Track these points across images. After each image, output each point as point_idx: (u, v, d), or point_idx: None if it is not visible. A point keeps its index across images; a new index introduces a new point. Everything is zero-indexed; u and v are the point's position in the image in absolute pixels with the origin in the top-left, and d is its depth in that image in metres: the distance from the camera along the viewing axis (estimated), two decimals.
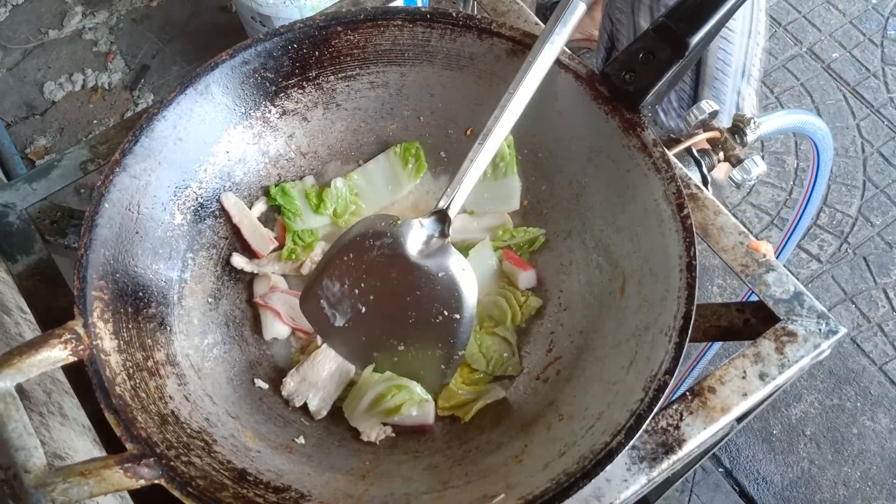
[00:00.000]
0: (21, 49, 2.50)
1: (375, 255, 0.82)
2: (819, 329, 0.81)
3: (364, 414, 0.84)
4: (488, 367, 0.86)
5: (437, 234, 0.82)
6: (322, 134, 0.96)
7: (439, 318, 0.82)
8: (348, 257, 0.83)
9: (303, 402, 0.85)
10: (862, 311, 2.10)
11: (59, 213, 0.95)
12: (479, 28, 0.87)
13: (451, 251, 0.81)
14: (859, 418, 1.98)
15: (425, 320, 0.82)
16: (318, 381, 0.86)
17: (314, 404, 0.85)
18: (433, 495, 0.75)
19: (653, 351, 0.73)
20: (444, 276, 0.81)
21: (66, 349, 0.69)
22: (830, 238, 2.19)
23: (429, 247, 0.82)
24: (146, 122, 0.82)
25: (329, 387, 0.86)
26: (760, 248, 0.85)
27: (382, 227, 0.82)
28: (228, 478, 0.71)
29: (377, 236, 0.82)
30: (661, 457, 0.76)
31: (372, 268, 0.82)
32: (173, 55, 2.48)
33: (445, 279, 0.81)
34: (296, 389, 0.85)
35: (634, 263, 0.81)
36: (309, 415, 0.86)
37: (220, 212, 0.91)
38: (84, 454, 0.82)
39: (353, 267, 0.83)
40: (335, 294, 0.84)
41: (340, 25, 0.89)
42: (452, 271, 0.81)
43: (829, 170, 1.37)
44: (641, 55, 0.82)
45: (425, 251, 0.81)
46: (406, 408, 0.83)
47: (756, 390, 0.78)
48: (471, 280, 0.81)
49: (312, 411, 0.85)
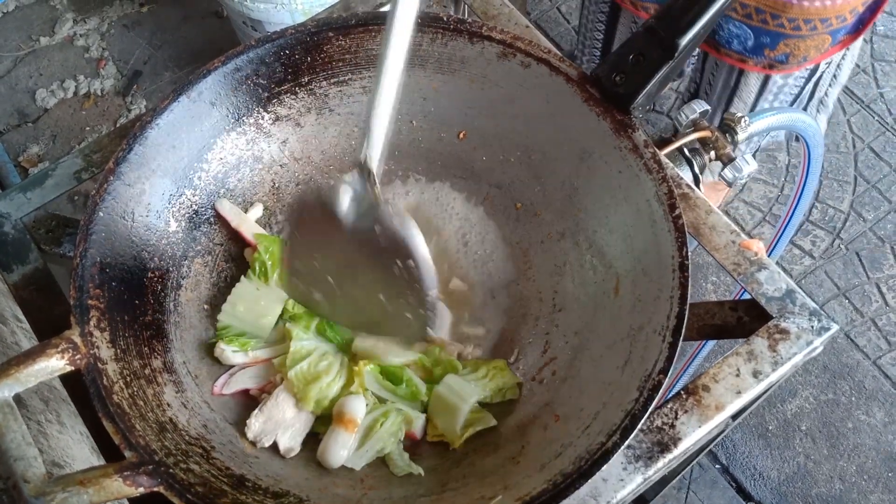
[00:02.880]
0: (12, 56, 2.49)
1: (317, 227, 0.81)
2: (811, 326, 0.82)
3: (357, 452, 0.82)
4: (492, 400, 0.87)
5: (363, 189, 0.79)
6: (315, 139, 0.96)
7: (396, 270, 0.80)
8: (299, 233, 0.84)
9: (271, 441, 0.82)
10: (855, 305, 2.11)
11: (54, 221, 0.95)
12: (469, 32, 0.88)
13: (379, 204, 0.79)
14: (854, 413, 1.98)
15: (386, 274, 0.81)
16: (285, 419, 0.83)
17: (284, 443, 0.82)
18: (431, 498, 0.75)
19: (647, 351, 0.74)
20: (382, 230, 0.79)
21: (63, 359, 0.70)
22: (823, 234, 2.20)
23: (359, 205, 0.79)
24: (139, 130, 0.83)
25: (297, 423, 0.83)
26: (752, 246, 0.86)
27: (310, 198, 0.83)
28: (227, 484, 0.72)
29: (311, 209, 0.82)
30: (657, 455, 0.77)
31: (322, 240, 0.83)
32: (165, 61, 2.47)
33: (385, 232, 0.79)
34: (261, 430, 0.82)
35: (628, 264, 0.82)
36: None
37: (215, 218, 0.91)
38: (83, 462, 0.82)
39: (308, 243, 0.84)
40: (305, 274, 0.86)
41: (332, 31, 0.89)
42: (387, 222, 0.78)
43: (819, 166, 1.37)
44: (632, 57, 0.82)
45: (358, 210, 0.80)
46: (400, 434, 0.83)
47: (750, 388, 0.79)
48: (409, 224, 0.79)
49: (283, 450, 0.82)
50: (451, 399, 0.84)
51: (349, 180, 0.79)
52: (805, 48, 1.27)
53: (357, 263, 0.82)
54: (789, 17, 1.21)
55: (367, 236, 0.79)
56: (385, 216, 0.78)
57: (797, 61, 1.31)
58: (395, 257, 0.79)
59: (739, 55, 1.32)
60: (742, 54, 1.32)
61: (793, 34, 1.24)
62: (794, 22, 1.21)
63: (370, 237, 0.79)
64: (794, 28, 1.22)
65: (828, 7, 1.19)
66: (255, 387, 0.86)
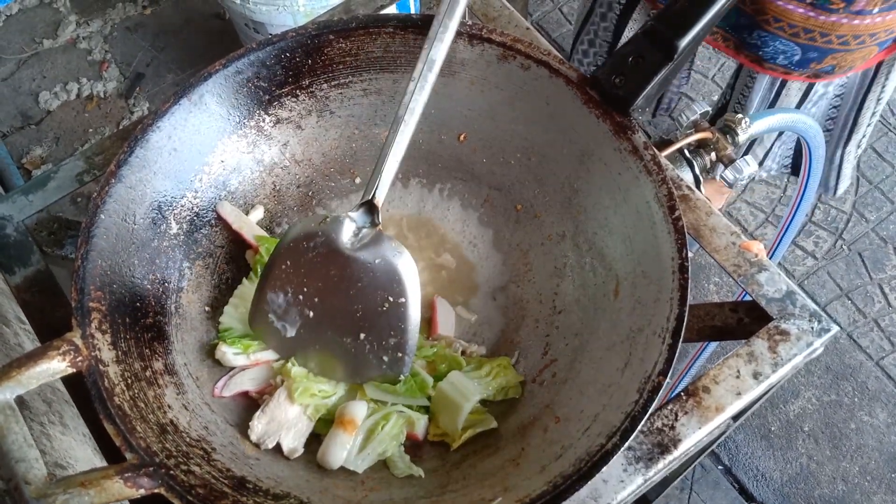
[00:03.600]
0: (15, 59, 2.50)
1: (311, 256, 0.81)
2: (812, 328, 0.82)
3: (359, 455, 0.82)
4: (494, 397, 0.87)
5: (368, 224, 0.81)
6: (316, 141, 0.96)
7: (385, 306, 0.80)
8: (286, 265, 0.82)
9: (275, 443, 0.82)
10: (858, 306, 2.11)
11: (56, 224, 0.95)
12: (469, 34, 0.88)
13: (383, 238, 0.80)
14: (857, 413, 1.98)
15: (372, 310, 0.81)
16: (287, 419, 0.83)
17: (287, 443, 0.82)
18: (431, 500, 0.75)
19: (647, 352, 0.74)
20: (381, 263, 0.79)
21: (64, 361, 0.70)
22: (825, 234, 2.20)
23: (361, 238, 0.81)
24: (141, 133, 0.83)
25: (299, 423, 0.83)
26: (752, 247, 0.86)
27: (313, 227, 0.81)
28: (228, 486, 0.72)
29: (309, 237, 0.81)
30: (657, 457, 0.77)
31: (310, 270, 0.81)
32: (168, 63, 2.48)
33: (383, 266, 0.79)
34: (265, 431, 0.82)
35: (628, 266, 0.82)
36: None
37: (216, 220, 0.91)
38: (85, 463, 0.82)
39: (293, 273, 0.82)
40: (280, 305, 0.83)
41: (332, 34, 0.89)
42: (388, 256, 0.79)
43: (821, 167, 1.37)
44: (631, 59, 0.82)
45: (359, 243, 0.80)
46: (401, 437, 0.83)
47: (750, 389, 0.79)
48: (408, 262, 0.80)
49: (287, 451, 0.82)
50: (453, 396, 0.84)
51: (354, 216, 0.81)
52: (852, 59, 1.26)
53: (345, 296, 0.81)
54: (838, 34, 1.20)
55: (363, 269, 0.80)
56: (388, 250, 0.80)
57: (843, 70, 1.30)
58: (387, 294, 0.80)
59: (784, 69, 1.31)
60: (787, 68, 1.31)
61: (840, 48, 1.22)
62: (842, 38, 1.20)
63: (366, 270, 0.80)
64: (843, 43, 1.21)
65: (877, 23, 1.18)
66: (255, 389, 0.86)
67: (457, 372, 0.86)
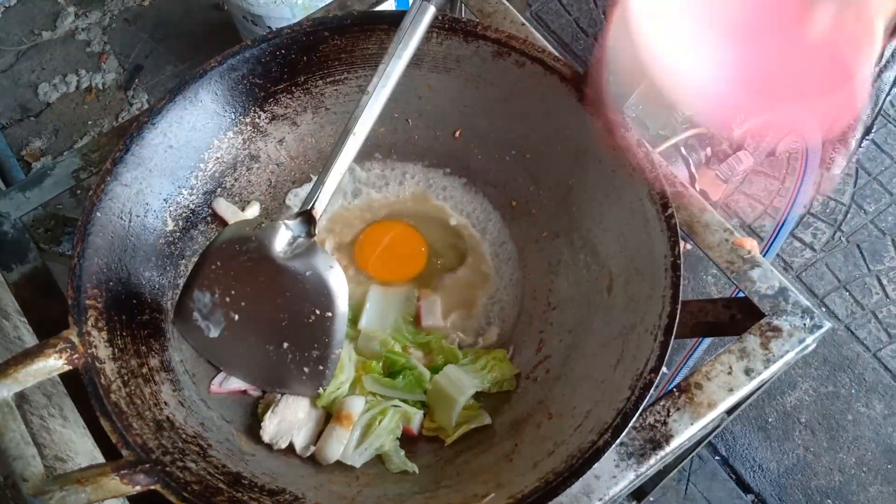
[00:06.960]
0: (14, 51, 2.50)
1: (243, 260, 0.80)
2: (804, 324, 0.82)
3: (356, 450, 0.83)
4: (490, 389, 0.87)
5: (304, 234, 0.81)
6: (312, 138, 0.96)
7: (312, 318, 0.80)
8: (216, 265, 0.81)
9: (287, 443, 0.83)
10: (856, 298, 2.11)
11: (53, 220, 0.96)
12: (465, 31, 0.88)
13: (317, 250, 0.80)
14: (854, 405, 1.99)
15: (298, 321, 0.81)
16: (298, 419, 0.84)
17: (300, 442, 0.83)
18: (425, 495, 0.76)
19: (639, 349, 0.74)
20: (312, 276, 0.79)
21: (61, 358, 0.71)
22: (824, 226, 2.20)
23: (295, 248, 0.80)
24: (136, 131, 0.83)
25: (310, 422, 0.84)
26: (745, 244, 0.86)
27: (247, 231, 0.80)
28: (224, 482, 0.73)
29: (242, 241, 0.80)
30: (649, 453, 0.77)
31: (240, 274, 0.80)
32: (167, 54, 2.47)
33: (314, 278, 0.79)
34: (277, 432, 0.83)
35: (621, 263, 0.82)
36: None
37: (212, 217, 0.92)
38: (85, 456, 0.83)
39: (222, 275, 0.81)
40: (206, 305, 0.82)
41: (327, 30, 0.89)
42: (320, 269, 0.79)
43: (818, 160, 1.37)
44: None
45: (292, 252, 0.80)
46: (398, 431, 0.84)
47: (742, 385, 0.79)
48: (339, 276, 0.80)
49: (299, 450, 0.83)
50: (448, 390, 0.84)
51: (290, 225, 0.80)
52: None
53: (272, 304, 0.81)
54: None
55: (293, 279, 0.79)
56: (320, 263, 0.79)
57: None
58: (315, 306, 0.80)
59: None
60: None
61: None
62: None
63: (297, 281, 0.79)
64: None
65: None
66: (251, 386, 0.86)
67: (453, 365, 0.87)
